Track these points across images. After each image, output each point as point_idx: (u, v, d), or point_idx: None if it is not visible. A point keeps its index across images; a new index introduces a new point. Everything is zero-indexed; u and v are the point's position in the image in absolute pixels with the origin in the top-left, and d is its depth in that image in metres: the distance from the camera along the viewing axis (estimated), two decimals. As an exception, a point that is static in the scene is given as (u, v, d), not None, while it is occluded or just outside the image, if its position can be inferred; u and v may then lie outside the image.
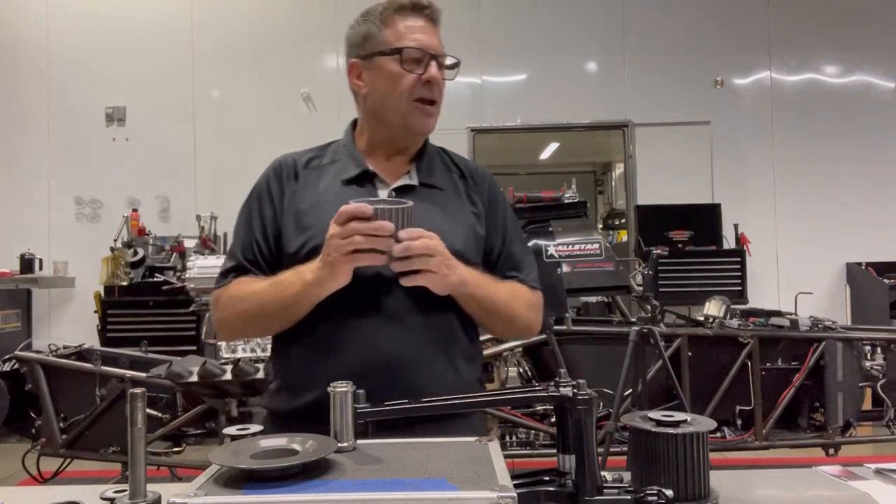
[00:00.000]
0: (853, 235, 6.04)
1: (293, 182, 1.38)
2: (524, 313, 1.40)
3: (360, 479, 0.81)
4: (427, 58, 1.33)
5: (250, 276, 1.35)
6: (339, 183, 1.36)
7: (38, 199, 6.23)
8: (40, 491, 1.12)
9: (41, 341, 5.25)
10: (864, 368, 3.45)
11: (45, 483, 3.14)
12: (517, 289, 1.39)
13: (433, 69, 1.34)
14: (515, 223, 1.48)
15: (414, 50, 1.33)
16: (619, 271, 3.66)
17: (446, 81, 1.40)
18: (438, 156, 1.47)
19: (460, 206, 1.39)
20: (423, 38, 1.34)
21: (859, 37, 6.27)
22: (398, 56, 1.33)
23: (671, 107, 6.23)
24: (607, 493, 0.93)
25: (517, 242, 1.45)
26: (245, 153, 6.01)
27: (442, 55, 1.36)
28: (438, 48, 1.36)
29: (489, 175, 1.48)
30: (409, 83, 1.33)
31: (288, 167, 1.40)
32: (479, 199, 1.42)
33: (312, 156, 1.44)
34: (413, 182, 1.38)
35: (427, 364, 1.27)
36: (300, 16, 6.36)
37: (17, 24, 6.35)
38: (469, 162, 1.51)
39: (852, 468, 1.24)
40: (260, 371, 2.89)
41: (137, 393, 0.81)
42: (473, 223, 1.38)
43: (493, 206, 1.43)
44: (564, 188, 3.90)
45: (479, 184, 1.44)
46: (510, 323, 1.39)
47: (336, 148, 1.44)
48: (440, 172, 1.43)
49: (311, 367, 1.28)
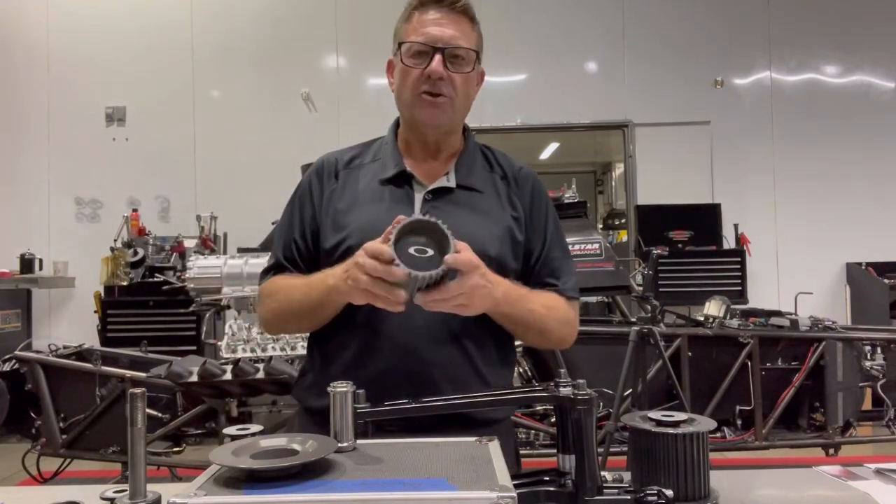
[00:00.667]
0: (853, 235, 6.04)
1: (333, 181, 1.38)
2: (557, 328, 1.36)
3: (360, 479, 0.81)
4: (431, 51, 1.30)
5: (287, 273, 1.37)
6: (378, 182, 1.36)
7: (38, 199, 6.23)
8: (40, 491, 1.12)
9: (41, 341, 5.25)
10: (864, 368, 3.46)
11: (45, 483, 3.14)
12: (553, 302, 1.35)
13: (434, 63, 1.30)
14: (557, 227, 1.43)
15: (415, 44, 1.31)
16: (619, 271, 3.65)
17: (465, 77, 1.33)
18: (481, 154, 1.44)
19: (499, 210, 1.37)
20: (433, 31, 1.31)
21: (859, 37, 6.27)
22: (401, 51, 1.33)
23: (671, 107, 6.23)
24: (607, 493, 0.93)
25: (557, 248, 1.41)
26: (245, 153, 6.03)
27: (452, 47, 1.31)
28: (450, 40, 1.31)
29: (534, 176, 1.44)
30: (413, 78, 1.32)
31: (329, 166, 1.41)
32: (520, 201, 1.39)
33: (355, 154, 1.43)
34: (450, 184, 1.36)
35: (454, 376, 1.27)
36: (300, 16, 6.36)
37: (17, 23, 6.34)
38: (514, 162, 1.46)
39: (852, 468, 1.24)
40: (260, 371, 2.89)
41: (137, 393, 0.81)
42: (512, 227, 1.35)
43: (536, 209, 1.40)
44: (564, 188, 3.90)
45: (521, 186, 1.41)
46: (542, 336, 1.37)
47: (379, 145, 1.44)
48: (480, 173, 1.40)
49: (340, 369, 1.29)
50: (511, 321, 1.29)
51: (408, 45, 1.32)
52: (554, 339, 1.38)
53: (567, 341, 1.41)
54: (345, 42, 6.19)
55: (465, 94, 1.35)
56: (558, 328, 1.36)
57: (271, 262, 1.41)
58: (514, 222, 1.36)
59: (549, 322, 1.34)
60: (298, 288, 1.30)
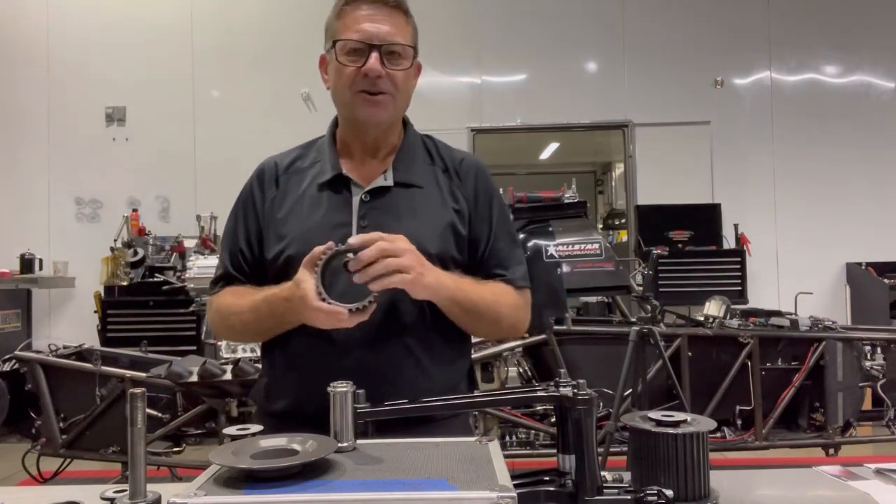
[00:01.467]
0: (853, 235, 6.04)
1: (274, 188, 1.38)
2: (509, 313, 1.35)
3: (360, 479, 0.81)
4: (367, 49, 1.27)
5: (237, 284, 1.38)
6: (316, 188, 1.35)
7: (38, 199, 6.23)
8: (40, 491, 1.12)
9: (41, 341, 5.25)
10: (864, 368, 3.45)
11: (45, 483, 3.14)
12: (501, 289, 1.34)
13: (371, 61, 1.27)
14: (504, 217, 1.41)
15: (351, 42, 1.28)
16: (619, 271, 3.65)
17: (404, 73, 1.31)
18: (423, 147, 1.41)
19: (440, 205, 1.34)
20: (367, 28, 1.28)
21: (859, 37, 6.27)
22: (335, 49, 1.31)
23: (671, 107, 6.23)
24: (607, 493, 0.93)
25: (504, 238, 1.39)
26: (245, 153, 5.96)
27: (388, 44, 1.28)
28: (385, 37, 1.28)
29: (477, 166, 1.41)
30: (349, 76, 1.29)
31: (270, 172, 1.40)
32: (463, 194, 1.36)
33: (296, 156, 1.42)
34: (388, 183, 1.33)
35: (396, 373, 1.26)
36: (300, 16, 6.34)
37: (17, 23, 6.35)
38: (456, 153, 1.43)
39: (852, 468, 1.24)
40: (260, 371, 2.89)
41: (137, 393, 0.81)
42: (453, 221, 1.33)
43: (480, 201, 1.37)
44: (564, 188, 3.90)
45: (464, 178, 1.38)
46: (494, 324, 1.35)
47: (319, 146, 1.42)
48: (420, 168, 1.37)
49: (283, 374, 1.32)
50: (459, 307, 1.27)
51: (342, 42, 1.29)
52: (506, 327, 1.38)
53: (519, 328, 1.40)
54: (345, 42, 6.18)
55: (404, 90, 1.33)
56: (510, 313, 1.35)
57: (219, 273, 1.41)
58: (457, 215, 1.34)
59: (501, 309, 1.33)
60: (251, 309, 1.30)
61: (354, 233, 1.29)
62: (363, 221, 1.30)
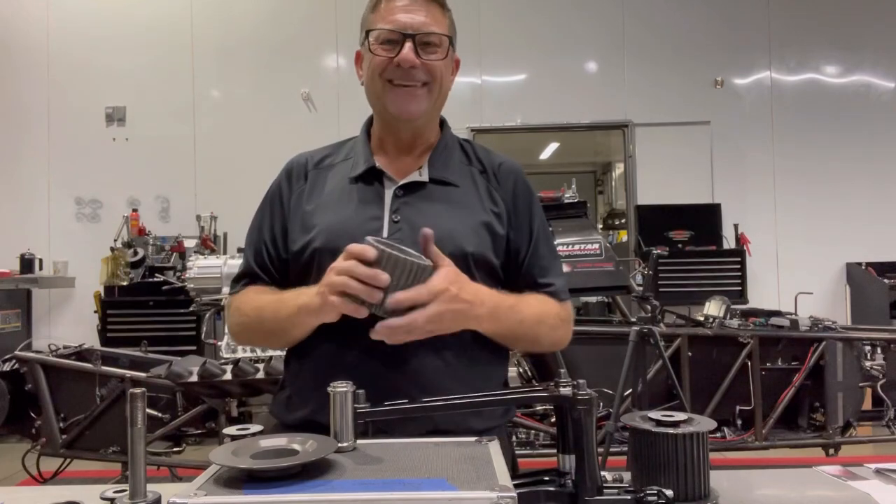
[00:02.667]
0: (853, 235, 6.04)
1: (302, 182, 1.34)
2: (548, 334, 1.31)
3: (360, 479, 0.81)
4: (401, 39, 1.24)
5: (260, 284, 1.33)
6: (347, 181, 1.31)
7: (38, 200, 6.23)
8: (40, 491, 1.12)
9: (41, 341, 5.25)
10: (864, 368, 3.46)
11: (45, 483, 3.13)
12: (545, 306, 1.29)
13: (405, 50, 1.23)
14: (544, 225, 1.37)
15: (384, 32, 1.25)
16: (619, 271, 3.65)
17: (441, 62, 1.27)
18: (460, 148, 1.38)
19: (476, 204, 1.30)
20: (402, 18, 1.24)
21: (859, 37, 6.27)
22: (368, 40, 1.28)
23: (671, 107, 6.23)
24: (607, 493, 0.93)
25: (544, 245, 1.35)
26: (245, 153, 6.03)
27: (423, 33, 1.24)
28: (420, 27, 1.24)
29: (517, 169, 1.37)
30: (379, 66, 1.26)
31: (299, 168, 1.36)
32: (501, 196, 1.32)
33: (327, 154, 1.39)
34: (423, 178, 1.29)
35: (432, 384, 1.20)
36: (300, 16, 6.36)
37: (17, 24, 6.34)
38: (495, 155, 1.39)
39: (852, 468, 1.24)
40: (260, 371, 2.89)
41: (137, 393, 0.81)
42: (491, 222, 1.28)
43: (520, 204, 1.33)
44: (564, 188, 3.90)
45: (502, 181, 1.34)
46: (534, 344, 1.32)
47: (352, 144, 1.39)
48: (457, 167, 1.33)
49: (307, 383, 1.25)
50: (499, 335, 1.24)
51: (376, 32, 1.26)
52: (546, 345, 1.34)
53: (560, 345, 1.36)
54: (345, 42, 6.18)
55: (442, 82, 1.29)
56: (550, 334, 1.31)
57: (243, 269, 1.36)
58: (495, 217, 1.29)
59: (541, 329, 1.29)
60: (269, 306, 1.25)
61: (386, 227, 1.25)
62: (395, 216, 1.26)
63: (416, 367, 1.20)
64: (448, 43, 1.28)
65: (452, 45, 1.31)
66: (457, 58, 1.36)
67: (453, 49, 1.32)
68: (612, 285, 3.68)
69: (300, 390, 1.29)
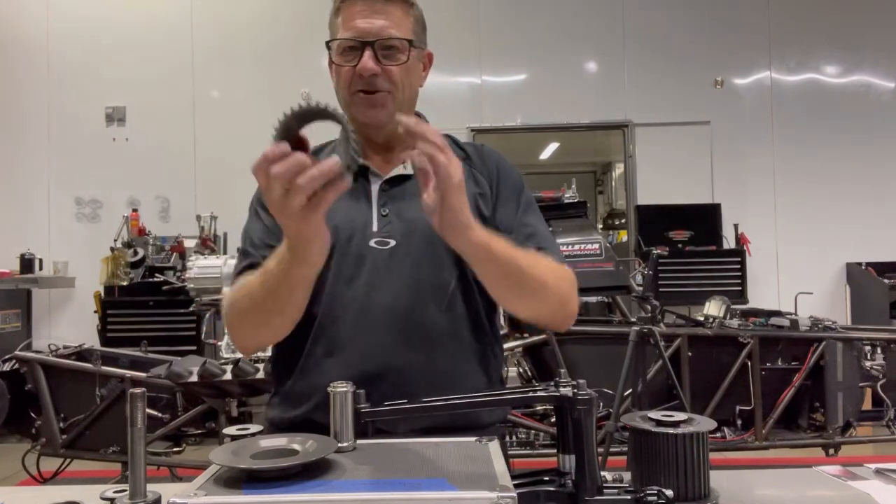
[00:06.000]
0: (853, 235, 6.04)
1: None
2: (556, 283, 1.21)
3: (360, 479, 0.81)
4: (360, 46, 1.22)
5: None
6: None
7: (38, 199, 6.23)
8: (40, 491, 1.12)
9: (41, 341, 5.25)
10: (864, 368, 3.46)
11: (45, 483, 3.14)
12: (542, 258, 1.22)
13: (364, 59, 1.22)
14: (531, 200, 1.35)
15: (343, 42, 1.24)
16: (619, 271, 3.66)
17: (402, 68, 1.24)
18: None
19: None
20: (360, 25, 1.23)
21: (859, 37, 6.27)
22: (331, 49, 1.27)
23: (671, 107, 6.23)
24: (607, 493, 0.93)
25: (532, 215, 1.33)
26: (245, 153, 5.98)
27: (382, 39, 1.22)
28: (379, 32, 1.22)
29: (497, 153, 1.38)
30: (346, 77, 1.25)
31: None
32: (484, 177, 1.32)
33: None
34: (408, 172, 1.29)
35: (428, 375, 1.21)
36: (300, 16, 6.35)
37: (17, 24, 6.35)
38: (478, 144, 1.41)
39: (852, 468, 1.24)
40: (260, 371, 2.89)
41: (137, 393, 0.81)
42: (477, 204, 1.27)
43: (502, 177, 1.33)
44: (564, 188, 3.91)
45: (485, 160, 1.35)
46: (540, 294, 1.19)
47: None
48: None
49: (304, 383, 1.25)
50: (497, 265, 1.13)
51: (336, 42, 1.25)
52: (554, 297, 1.22)
53: (571, 306, 1.25)
54: (345, 42, 6.18)
55: (407, 85, 1.27)
56: (557, 283, 1.21)
57: (242, 263, 1.31)
58: (480, 198, 1.29)
59: (546, 274, 1.19)
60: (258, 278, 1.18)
61: (375, 221, 1.26)
62: (384, 210, 1.27)
63: (409, 367, 1.21)
64: (409, 46, 1.26)
65: (416, 46, 1.28)
66: (428, 52, 1.34)
67: (424, 46, 1.31)
68: (612, 285, 3.68)
69: (290, 392, 1.29)
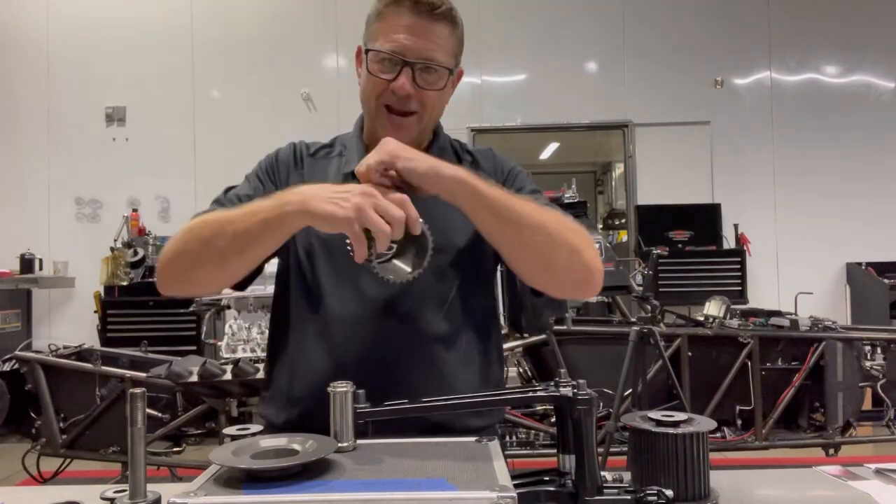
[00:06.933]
0: (853, 235, 6.04)
1: (300, 168, 1.33)
2: (569, 236, 1.13)
3: (360, 479, 0.81)
4: (400, 63, 1.19)
5: None
6: (342, 177, 1.29)
7: (38, 199, 6.23)
8: (40, 491, 1.12)
9: (41, 341, 5.25)
10: (864, 368, 3.46)
11: (45, 483, 3.14)
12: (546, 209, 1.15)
13: (401, 79, 1.19)
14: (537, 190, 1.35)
15: (383, 54, 1.20)
16: (619, 271, 3.66)
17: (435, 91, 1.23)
18: (450, 146, 1.37)
19: None
20: (403, 41, 1.19)
21: (859, 37, 6.27)
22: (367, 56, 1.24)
23: (671, 107, 6.23)
24: (607, 493, 0.93)
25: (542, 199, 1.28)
26: (245, 153, 5.99)
27: (423, 61, 1.19)
28: (422, 53, 1.19)
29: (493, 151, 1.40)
30: (378, 88, 1.23)
31: (299, 152, 1.35)
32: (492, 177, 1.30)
33: (323, 145, 1.38)
34: None
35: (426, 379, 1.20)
36: (300, 15, 6.36)
37: (17, 24, 6.34)
38: (481, 147, 1.43)
39: (852, 468, 1.24)
40: (260, 371, 2.89)
41: (137, 393, 0.81)
42: None
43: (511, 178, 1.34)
44: (564, 188, 3.91)
45: (493, 163, 1.36)
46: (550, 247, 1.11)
47: (345, 139, 1.38)
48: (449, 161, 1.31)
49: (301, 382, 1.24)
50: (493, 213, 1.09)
51: (374, 52, 1.22)
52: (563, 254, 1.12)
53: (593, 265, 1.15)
54: (345, 42, 6.18)
55: (438, 108, 1.27)
56: (570, 237, 1.13)
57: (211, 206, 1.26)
58: None
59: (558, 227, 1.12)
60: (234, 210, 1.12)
61: None
62: None
63: (409, 368, 1.21)
64: (448, 74, 1.24)
65: (453, 73, 1.26)
66: (460, 69, 1.32)
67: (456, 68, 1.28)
68: (612, 285, 3.68)
69: (282, 391, 1.28)
